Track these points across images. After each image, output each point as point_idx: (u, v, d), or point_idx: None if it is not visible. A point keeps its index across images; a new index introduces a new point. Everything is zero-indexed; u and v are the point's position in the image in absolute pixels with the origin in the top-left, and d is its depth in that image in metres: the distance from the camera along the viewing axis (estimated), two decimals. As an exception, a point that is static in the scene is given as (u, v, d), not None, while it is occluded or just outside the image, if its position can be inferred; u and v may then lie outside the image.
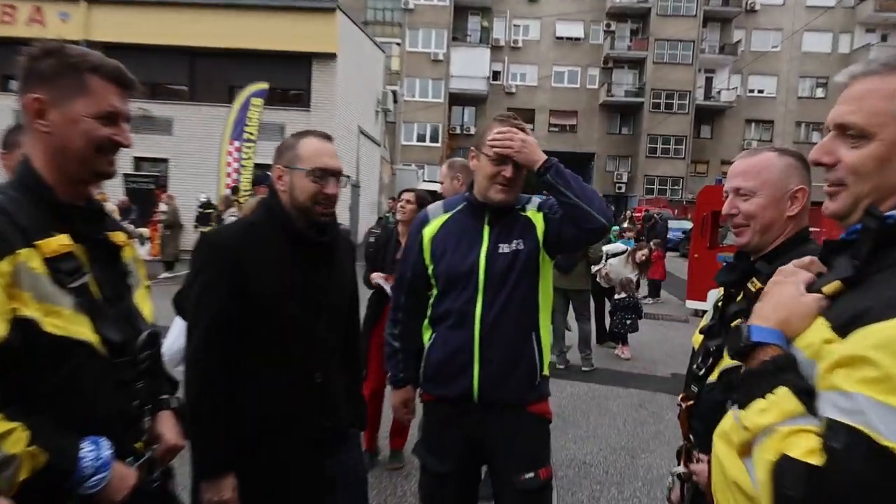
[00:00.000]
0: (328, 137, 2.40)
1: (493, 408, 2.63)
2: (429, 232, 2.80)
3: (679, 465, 2.17)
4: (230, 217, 10.90)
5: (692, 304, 13.05)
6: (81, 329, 1.56)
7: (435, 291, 2.79)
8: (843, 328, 1.04)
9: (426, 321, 2.86)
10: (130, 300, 1.80)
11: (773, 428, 1.06)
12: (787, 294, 1.24)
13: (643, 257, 9.73)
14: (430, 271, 2.79)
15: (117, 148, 1.69)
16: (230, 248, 2.25)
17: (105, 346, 1.60)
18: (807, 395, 1.08)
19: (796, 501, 0.99)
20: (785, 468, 1.01)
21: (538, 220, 2.68)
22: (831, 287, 1.15)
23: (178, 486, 1.97)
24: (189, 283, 2.36)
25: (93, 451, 1.52)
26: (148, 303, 1.91)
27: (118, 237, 1.81)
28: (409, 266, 2.90)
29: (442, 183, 4.62)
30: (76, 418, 1.56)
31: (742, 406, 1.14)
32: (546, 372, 2.71)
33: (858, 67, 1.24)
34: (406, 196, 4.86)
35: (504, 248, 2.63)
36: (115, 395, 1.66)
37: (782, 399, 1.08)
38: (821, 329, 1.10)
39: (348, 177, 2.82)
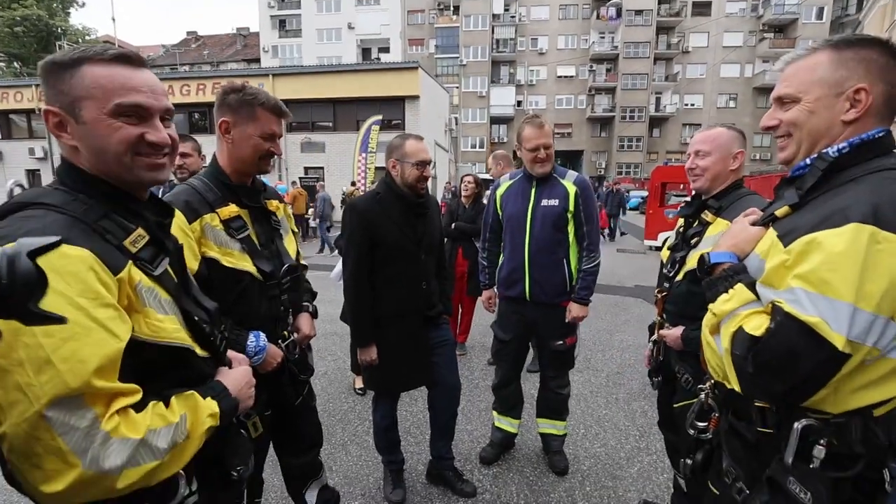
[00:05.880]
0: (421, 138, 2.32)
1: (538, 304, 2.65)
2: (500, 192, 2.77)
3: (651, 337, 2.11)
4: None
5: (648, 242, 12.68)
6: (245, 263, 1.57)
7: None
8: (785, 237, 1.00)
9: (500, 249, 2.82)
10: (280, 243, 1.74)
11: (736, 311, 1.03)
12: (737, 229, 1.19)
13: None
14: (500, 216, 2.77)
15: (273, 156, 1.65)
16: (364, 210, 2.24)
17: (260, 274, 1.60)
18: (754, 288, 1.05)
19: (740, 359, 0.97)
20: (737, 337, 0.99)
21: (572, 189, 2.57)
22: (782, 210, 1.09)
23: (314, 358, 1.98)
24: (343, 231, 2.33)
25: (254, 339, 1.57)
26: (293, 245, 1.83)
27: (272, 204, 1.76)
28: (489, 215, 2.85)
29: (490, 169, 4.65)
30: (245, 319, 1.59)
31: (712, 301, 1.10)
32: (573, 283, 2.62)
33: (789, 56, 1.13)
34: (467, 178, 4.80)
35: (545, 203, 2.58)
36: (268, 305, 1.66)
37: (739, 291, 1.05)
38: (771, 237, 1.05)
39: (434, 163, 2.77)
